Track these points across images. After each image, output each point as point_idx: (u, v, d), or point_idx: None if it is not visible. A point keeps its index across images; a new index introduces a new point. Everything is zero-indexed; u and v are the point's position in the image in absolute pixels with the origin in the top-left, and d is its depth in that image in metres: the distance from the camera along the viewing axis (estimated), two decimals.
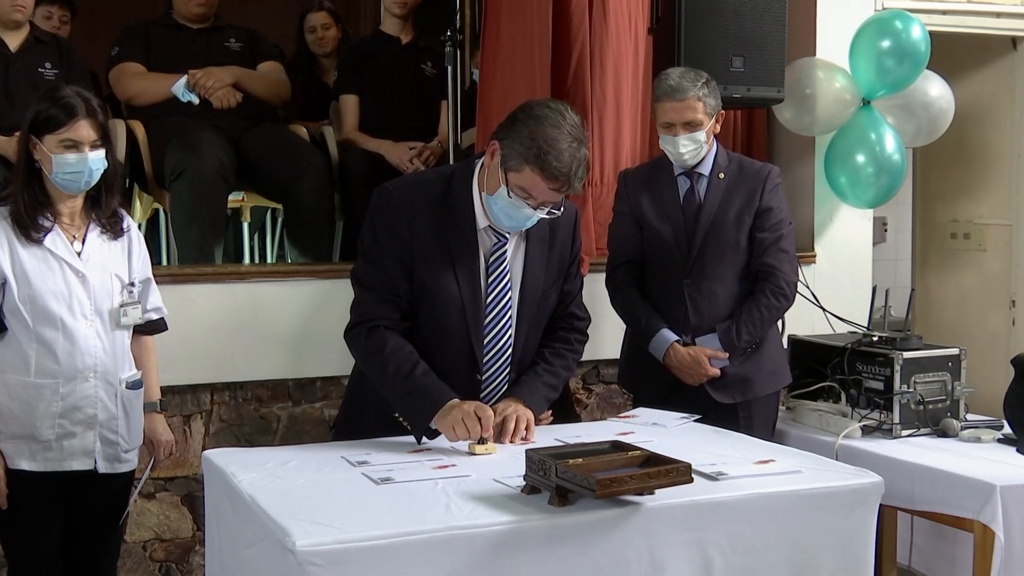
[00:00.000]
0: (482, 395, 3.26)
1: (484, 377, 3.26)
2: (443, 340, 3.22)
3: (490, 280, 3.23)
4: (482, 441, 3.00)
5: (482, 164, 3.20)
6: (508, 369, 3.30)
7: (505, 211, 3.11)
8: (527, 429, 3.16)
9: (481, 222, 3.21)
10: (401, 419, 3.19)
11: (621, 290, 4.09)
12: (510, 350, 3.28)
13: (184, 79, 5.06)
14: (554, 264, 3.35)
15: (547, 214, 3.10)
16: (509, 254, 3.25)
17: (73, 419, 3.41)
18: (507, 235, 3.23)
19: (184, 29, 5.33)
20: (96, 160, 3.38)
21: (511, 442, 3.11)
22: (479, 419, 3.02)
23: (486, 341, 3.24)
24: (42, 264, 3.37)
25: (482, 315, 3.22)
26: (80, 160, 3.35)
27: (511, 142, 3.05)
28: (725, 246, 3.94)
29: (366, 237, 3.26)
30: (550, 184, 3.02)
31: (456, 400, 3.09)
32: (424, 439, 3.14)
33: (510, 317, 3.26)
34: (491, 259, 3.22)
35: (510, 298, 3.26)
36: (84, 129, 3.36)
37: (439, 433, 3.11)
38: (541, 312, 3.35)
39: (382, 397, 3.22)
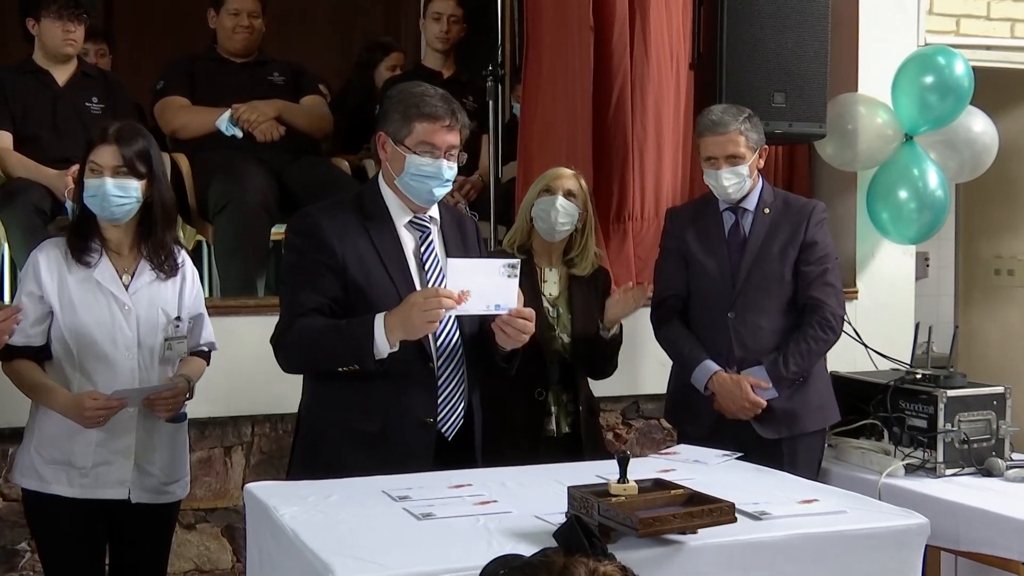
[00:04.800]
0: (439, 382, 3.30)
1: (439, 364, 3.30)
2: None
3: (426, 270, 3.32)
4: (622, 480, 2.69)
5: (382, 166, 3.34)
6: (460, 352, 3.35)
7: (420, 175, 3.24)
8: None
9: (400, 220, 3.33)
10: (347, 367, 3.20)
11: (665, 323, 4.09)
12: (458, 333, 3.33)
13: (228, 113, 5.10)
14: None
15: (456, 161, 3.29)
16: (436, 246, 3.37)
17: (110, 448, 3.43)
18: (428, 226, 3.35)
19: (228, 63, 5.38)
20: (116, 187, 3.37)
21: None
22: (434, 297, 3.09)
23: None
24: (88, 295, 3.41)
25: None
26: (99, 185, 3.37)
27: (389, 120, 3.28)
28: (770, 280, 3.93)
29: (289, 260, 3.36)
30: (440, 123, 3.24)
31: (366, 316, 3.15)
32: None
33: None
34: (423, 253, 3.34)
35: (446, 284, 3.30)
36: (107, 155, 3.38)
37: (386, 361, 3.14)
38: None
39: (334, 422, 3.28)
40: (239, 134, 5.12)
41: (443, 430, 3.31)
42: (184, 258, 3.62)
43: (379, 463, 3.17)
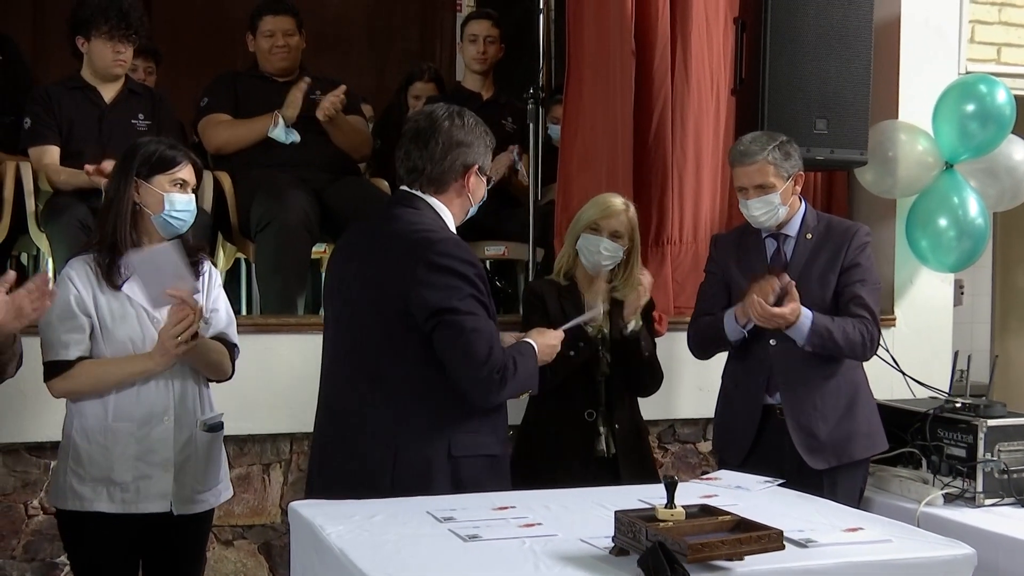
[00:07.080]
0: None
1: None
2: None
3: None
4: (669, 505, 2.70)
5: (459, 188, 3.34)
6: None
7: (479, 202, 3.43)
8: None
9: None
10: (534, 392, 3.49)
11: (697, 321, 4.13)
12: None
13: (282, 121, 5.12)
14: None
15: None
16: None
17: (149, 461, 3.45)
18: None
19: (271, 81, 5.42)
20: (193, 203, 3.51)
21: None
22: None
23: None
24: (120, 311, 3.45)
25: None
26: (189, 201, 3.48)
27: (478, 152, 3.35)
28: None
29: (464, 290, 3.18)
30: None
31: (524, 342, 3.38)
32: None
33: None
34: None
35: None
36: (190, 173, 3.50)
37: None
38: None
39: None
40: (297, 139, 5.15)
41: None
42: (209, 267, 3.65)
43: (503, 483, 3.29)
